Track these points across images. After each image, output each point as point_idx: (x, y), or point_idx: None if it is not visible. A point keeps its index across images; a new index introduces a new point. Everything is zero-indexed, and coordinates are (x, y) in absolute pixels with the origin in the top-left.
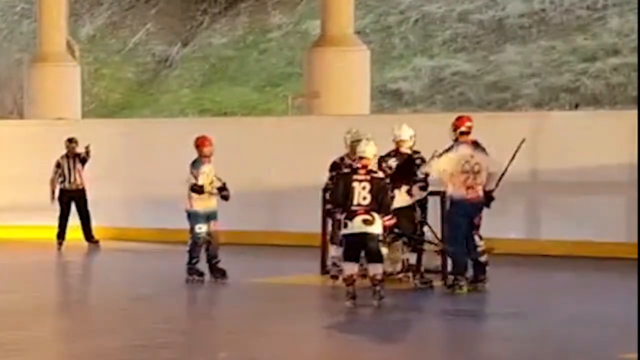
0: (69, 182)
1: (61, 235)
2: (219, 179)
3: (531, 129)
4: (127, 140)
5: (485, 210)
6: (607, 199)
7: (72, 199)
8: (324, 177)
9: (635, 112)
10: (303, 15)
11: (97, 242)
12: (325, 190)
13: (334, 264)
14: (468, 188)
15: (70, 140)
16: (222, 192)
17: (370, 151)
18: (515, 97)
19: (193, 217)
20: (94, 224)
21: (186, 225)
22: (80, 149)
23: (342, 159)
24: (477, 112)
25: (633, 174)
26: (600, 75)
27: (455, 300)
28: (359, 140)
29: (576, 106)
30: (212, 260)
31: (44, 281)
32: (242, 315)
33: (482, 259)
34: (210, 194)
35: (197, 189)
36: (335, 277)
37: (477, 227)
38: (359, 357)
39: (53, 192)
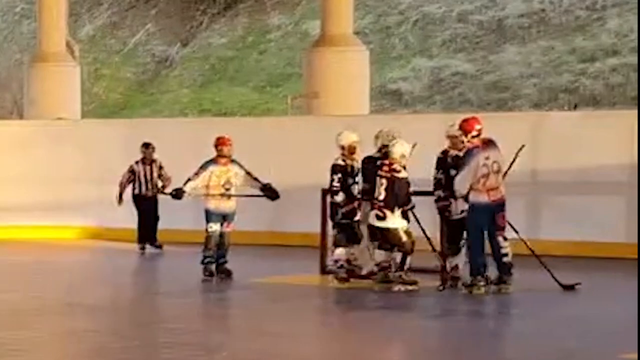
0: (146, 188)
1: (143, 239)
2: (257, 179)
3: (531, 130)
4: (127, 140)
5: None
6: (607, 199)
7: (144, 203)
8: (324, 177)
9: (635, 112)
10: (303, 15)
11: (160, 246)
12: (332, 193)
13: (341, 267)
14: (489, 190)
15: (147, 146)
16: (265, 192)
17: (396, 151)
18: (515, 97)
19: (207, 215)
20: (93, 223)
21: (185, 225)
22: (156, 155)
23: (344, 160)
24: (477, 112)
25: (633, 174)
26: (599, 76)
27: (456, 300)
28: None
29: (575, 106)
30: (219, 259)
31: (44, 281)
32: (242, 315)
33: (506, 259)
34: (222, 195)
35: (175, 194)
36: (345, 280)
37: (502, 228)
38: (359, 357)
39: (121, 195)
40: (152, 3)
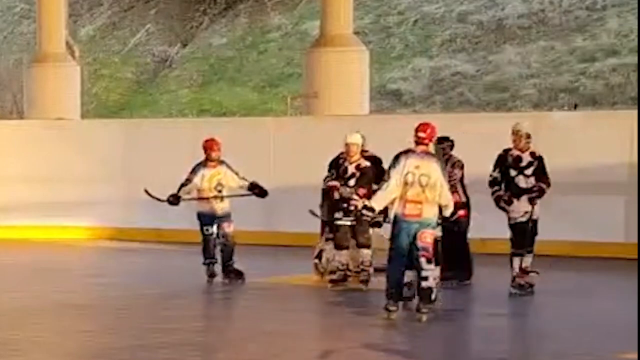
0: None
1: None
2: (244, 178)
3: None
4: (127, 140)
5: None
6: (607, 199)
7: None
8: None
9: (635, 112)
10: (302, 15)
11: None
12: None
13: (348, 269)
14: (407, 202)
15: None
16: (254, 190)
17: None
18: (515, 97)
19: (200, 218)
20: (93, 223)
21: (184, 225)
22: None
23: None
24: (476, 112)
25: (633, 174)
26: (599, 76)
27: (456, 300)
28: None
29: (575, 106)
30: (225, 262)
31: (44, 281)
32: (241, 315)
33: (425, 284)
34: (215, 197)
35: (171, 200)
36: (341, 282)
37: (424, 248)
38: (358, 357)
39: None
40: (152, 3)
